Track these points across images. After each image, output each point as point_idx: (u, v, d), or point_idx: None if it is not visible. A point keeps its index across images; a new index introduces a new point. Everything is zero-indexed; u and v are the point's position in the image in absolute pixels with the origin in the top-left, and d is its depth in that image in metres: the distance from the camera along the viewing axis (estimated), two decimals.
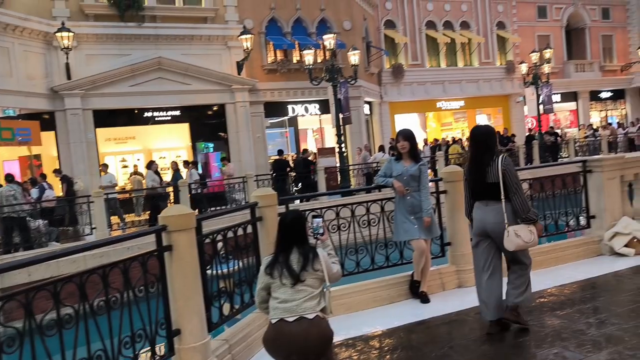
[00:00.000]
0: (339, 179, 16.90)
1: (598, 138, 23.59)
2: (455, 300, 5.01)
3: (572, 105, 30.54)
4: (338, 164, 17.15)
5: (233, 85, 18.73)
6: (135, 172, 17.25)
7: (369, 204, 5.44)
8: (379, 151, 19.60)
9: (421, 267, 5.05)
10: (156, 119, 18.36)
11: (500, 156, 4.04)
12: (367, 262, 5.32)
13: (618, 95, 31.63)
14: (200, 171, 18.88)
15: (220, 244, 4.18)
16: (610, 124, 28.70)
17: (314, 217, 3.61)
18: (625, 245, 6.00)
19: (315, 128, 22.66)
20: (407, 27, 25.35)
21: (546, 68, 23.01)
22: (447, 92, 26.30)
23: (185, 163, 16.21)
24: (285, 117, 21.14)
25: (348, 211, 5.37)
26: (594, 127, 27.10)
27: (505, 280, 4.22)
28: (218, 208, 15.48)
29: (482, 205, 4.14)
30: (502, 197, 3.98)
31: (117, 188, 16.12)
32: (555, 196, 6.47)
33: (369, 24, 23.34)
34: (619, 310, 4.39)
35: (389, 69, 24.83)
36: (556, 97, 26.36)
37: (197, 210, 13.28)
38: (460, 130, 27.93)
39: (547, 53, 23.43)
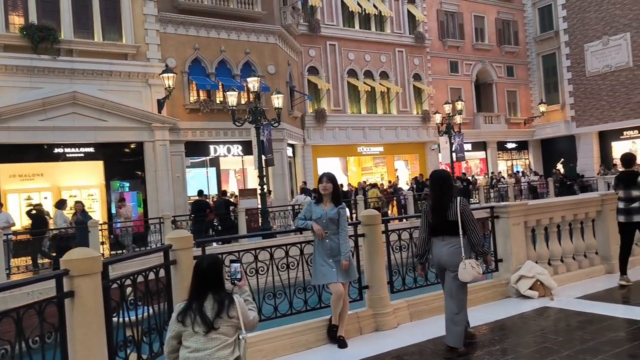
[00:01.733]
0: (260, 220, 16.75)
1: (505, 185, 25.24)
2: (372, 345, 5.01)
3: (481, 154, 32.59)
4: (260, 206, 17.02)
5: (153, 123, 18.25)
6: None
7: (288, 247, 5.41)
8: (301, 193, 19.72)
9: (339, 310, 5.02)
10: (67, 155, 17.38)
11: (458, 198, 4.60)
12: (285, 306, 5.23)
13: (522, 146, 34.21)
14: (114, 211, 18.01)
15: (129, 289, 3.95)
16: (518, 172, 30.89)
17: (232, 261, 3.52)
18: (530, 288, 6.34)
19: (237, 169, 22.48)
20: (330, 74, 26.20)
21: (458, 119, 24.40)
22: (367, 138, 27.20)
23: (78, 203, 15.22)
24: (207, 157, 20.82)
25: (267, 254, 5.30)
26: (503, 175, 29.06)
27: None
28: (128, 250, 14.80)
29: (438, 241, 4.69)
30: (461, 233, 4.51)
31: (18, 228, 14.94)
32: None
33: (293, 69, 23.86)
34: (524, 352, 4.58)
35: (312, 113, 25.35)
36: (467, 146, 28.03)
37: None
38: (380, 175, 28.85)
39: (459, 105, 24.85)
